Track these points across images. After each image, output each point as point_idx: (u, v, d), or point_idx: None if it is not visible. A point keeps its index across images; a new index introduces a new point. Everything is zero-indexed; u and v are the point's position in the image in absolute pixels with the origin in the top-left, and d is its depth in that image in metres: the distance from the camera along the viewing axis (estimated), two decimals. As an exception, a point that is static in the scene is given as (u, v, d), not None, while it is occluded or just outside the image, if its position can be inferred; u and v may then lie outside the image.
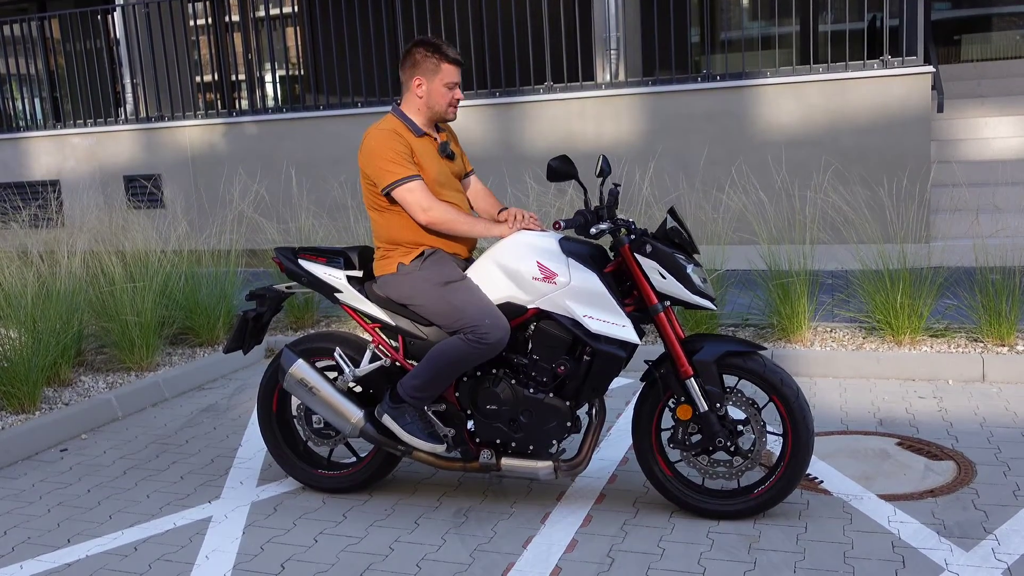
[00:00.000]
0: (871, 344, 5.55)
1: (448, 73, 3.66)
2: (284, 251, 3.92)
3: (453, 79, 3.68)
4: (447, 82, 3.67)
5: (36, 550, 3.61)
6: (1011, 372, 5.10)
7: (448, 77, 3.67)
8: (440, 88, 3.67)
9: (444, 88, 3.67)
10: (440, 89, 3.67)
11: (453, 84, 3.68)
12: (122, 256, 6.31)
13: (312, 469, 4.05)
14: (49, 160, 10.98)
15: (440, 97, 3.68)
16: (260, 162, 9.88)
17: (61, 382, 5.50)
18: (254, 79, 11.02)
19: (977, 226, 7.13)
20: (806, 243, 6.01)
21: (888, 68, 7.88)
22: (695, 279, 3.45)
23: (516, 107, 8.98)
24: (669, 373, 3.52)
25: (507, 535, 3.54)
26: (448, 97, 3.68)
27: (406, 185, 3.56)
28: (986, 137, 8.75)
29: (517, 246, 3.54)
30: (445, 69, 3.66)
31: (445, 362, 3.48)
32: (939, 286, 5.61)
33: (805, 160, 8.07)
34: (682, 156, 8.45)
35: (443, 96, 3.68)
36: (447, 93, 3.68)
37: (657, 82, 8.66)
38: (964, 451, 4.13)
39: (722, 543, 3.39)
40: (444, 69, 3.66)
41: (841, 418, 4.66)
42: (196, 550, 3.54)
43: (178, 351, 6.30)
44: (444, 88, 3.67)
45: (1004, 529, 3.37)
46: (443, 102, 3.69)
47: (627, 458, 4.22)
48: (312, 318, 6.88)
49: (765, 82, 8.22)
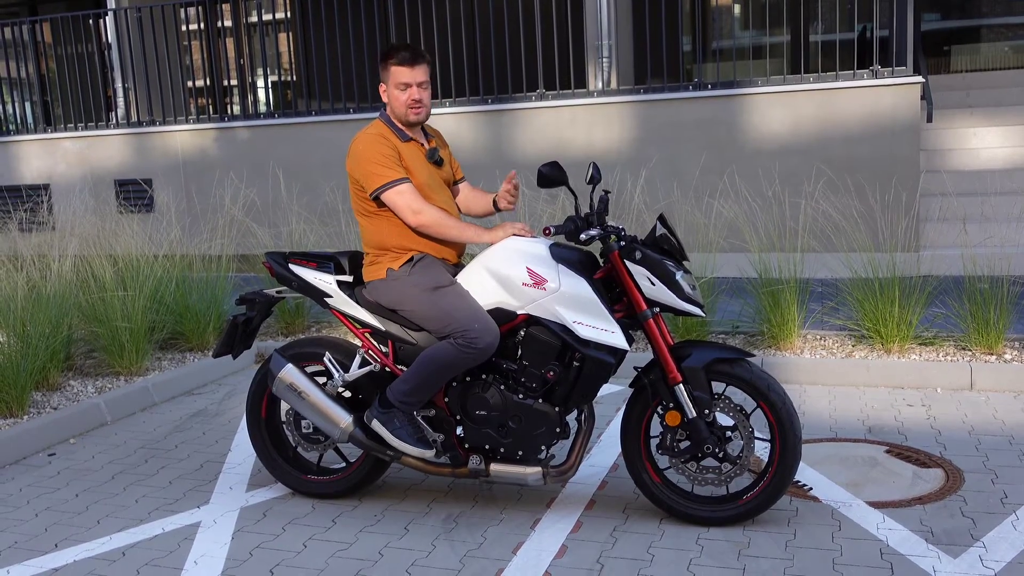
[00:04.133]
0: (860, 352, 5.57)
1: (397, 74, 3.65)
2: (274, 256, 3.92)
3: (403, 79, 3.64)
4: (397, 83, 3.65)
5: (23, 555, 3.60)
6: (999, 380, 5.13)
7: (398, 78, 3.65)
8: (394, 91, 3.67)
9: (396, 90, 3.66)
10: (394, 91, 3.67)
11: (405, 85, 3.65)
12: (113, 260, 6.29)
13: (301, 474, 4.04)
14: (40, 164, 10.95)
15: (395, 100, 3.67)
16: (251, 167, 9.87)
17: (50, 386, 5.48)
18: (246, 84, 11.01)
19: (965, 235, 7.17)
20: (796, 251, 6.03)
21: (878, 78, 7.93)
22: (684, 286, 3.47)
23: (508, 114, 8.99)
24: (658, 379, 3.53)
25: (497, 541, 3.54)
26: (402, 98, 3.66)
27: (395, 188, 3.56)
28: (975, 147, 8.80)
29: (507, 252, 3.55)
30: (394, 71, 3.65)
31: (434, 367, 3.48)
32: (928, 295, 5.64)
33: (796, 169, 8.11)
34: (674, 164, 8.47)
35: (397, 99, 3.67)
36: (400, 94, 3.66)
37: (649, 90, 8.68)
38: (952, 459, 4.15)
39: (711, 549, 3.39)
40: (393, 71, 3.66)
41: (830, 425, 4.68)
42: (184, 555, 3.53)
43: (168, 356, 6.28)
44: (396, 90, 3.66)
45: (991, 536, 3.39)
46: (399, 104, 3.67)
47: (617, 464, 4.22)
48: (303, 323, 6.87)
49: (756, 91, 8.26)
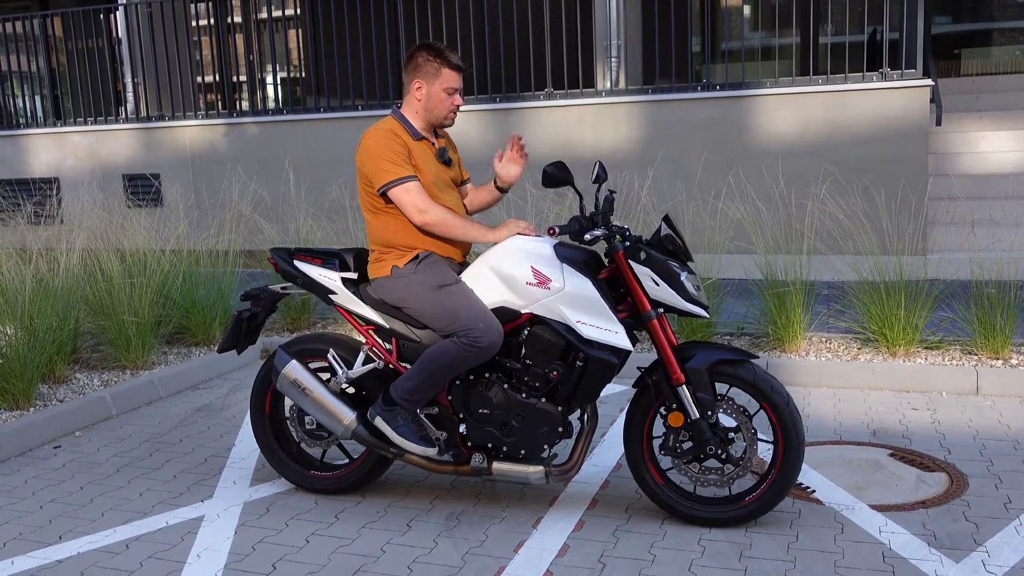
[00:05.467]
0: (866, 355, 5.56)
1: (448, 78, 3.67)
2: (280, 252, 3.93)
3: (453, 84, 3.68)
4: (446, 87, 3.67)
5: (28, 546, 3.62)
6: (1005, 385, 5.11)
7: (448, 82, 3.67)
8: (439, 93, 3.67)
9: (443, 93, 3.67)
10: (439, 94, 3.67)
11: (453, 90, 3.68)
12: (120, 255, 6.32)
13: (305, 470, 4.05)
14: (49, 157, 11.00)
15: (439, 102, 3.68)
16: (260, 163, 9.90)
17: (56, 379, 5.51)
18: (255, 80, 11.04)
19: (973, 239, 7.15)
20: (803, 253, 6.02)
21: (887, 81, 7.91)
22: (689, 287, 3.47)
23: (516, 113, 8.99)
24: (661, 380, 3.53)
25: (499, 539, 3.54)
26: (447, 102, 3.69)
27: (403, 185, 3.57)
28: (984, 151, 8.78)
29: (512, 251, 3.55)
30: (445, 74, 3.66)
31: (438, 365, 3.49)
32: (934, 298, 5.62)
33: (803, 170, 8.09)
34: (681, 164, 8.47)
35: (442, 101, 3.68)
36: (446, 98, 3.68)
37: (657, 90, 8.68)
38: (956, 463, 4.14)
39: (713, 550, 3.39)
40: (444, 74, 3.66)
41: (834, 428, 4.67)
42: (188, 549, 3.55)
43: (174, 350, 6.30)
44: (443, 93, 3.67)
45: (994, 541, 3.38)
46: (442, 107, 3.69)
47: (620, 464, 4.22)
48: (309, 320, 6.89)
49: (765, 92, 8.25)
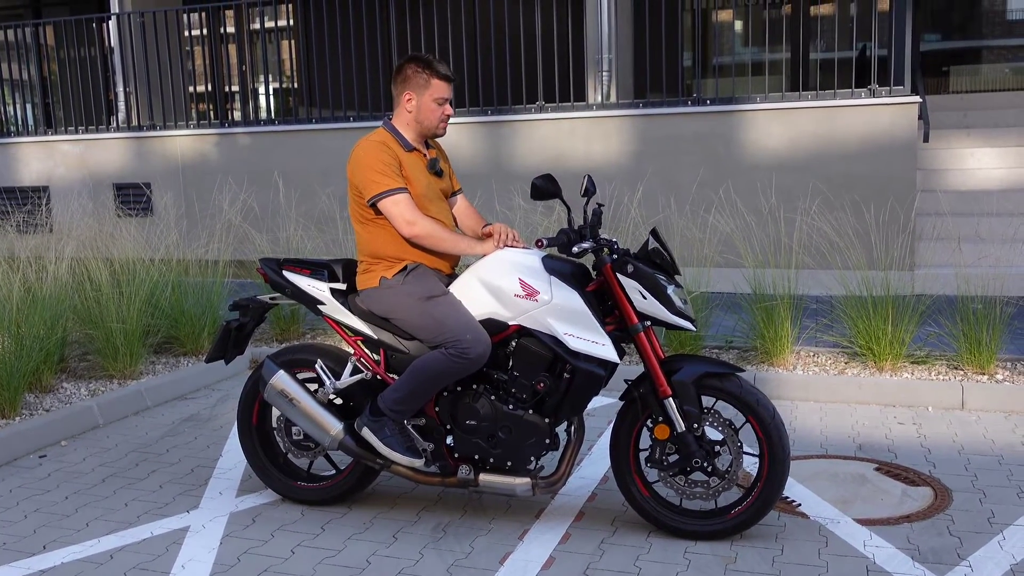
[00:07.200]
0: (853, 369, 5.59)
1: (438, 88, 3.70)
2: (269, 262, 3.94)
3: (443, 95, 3.71)
4: (436, 97, 3.70)
5: (11, 556, 3.60)
6: (990, 400, 5.14)
7: (438, 92, 3.70)
8: (429, 103, 3.70)
9: (433, 103, 3.70)
10: (429, 104, 3.70)
11: (443, 100, 3.71)
12: (109, 264, 6.30)
13: (291, 481, 4.04)
14: (39, 166, 10.97)
15: (429, 112, 3.71)
16: (251, 173, 9.89)
17: (43, 388, 5.49)
18: (247, 91, 11.04)
19: (960, 255, 7.20)
20: (791, 267, 6.05)
21: (876, 97, 7.96)
22: (676, 300, 3.48)
23: (507, 125, 9.02)
24: (648, 393, 3.54)
25: (485, 551, 3.54)
26: (437, 112, 3.72)
27: (392, 197, 3.58)
28: (971, 167, 8.84)
29: (500, 263, 3.56)
30: (435, 84, 3.69)
31: (426, 376, 3.50)
32: (921, 314, 5.65)
33: (792, 185, 8.14)
34: (671, 178, 8.50)
35: (432, 111, 3.71)
36: (436, 108, 3.71)
37: (648, 104, 8.72)
38: (941, 477, 4.16)
39: (699, 563, 3.40)
40: (434, 84, 3.69)
41: (821, 442, 4.69)
42: (172, 559, 3.54)
43: (162, 360, 6.28)
44: (433, 103, 3.70)
45: (978, 556, 3.40)
46: (432, 117, 3.72)
47: (607, 476, 4.23)
48: (298, 330, 6.88)
49: (755, 107, 8.30)
